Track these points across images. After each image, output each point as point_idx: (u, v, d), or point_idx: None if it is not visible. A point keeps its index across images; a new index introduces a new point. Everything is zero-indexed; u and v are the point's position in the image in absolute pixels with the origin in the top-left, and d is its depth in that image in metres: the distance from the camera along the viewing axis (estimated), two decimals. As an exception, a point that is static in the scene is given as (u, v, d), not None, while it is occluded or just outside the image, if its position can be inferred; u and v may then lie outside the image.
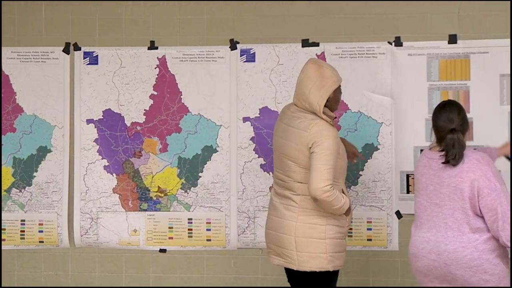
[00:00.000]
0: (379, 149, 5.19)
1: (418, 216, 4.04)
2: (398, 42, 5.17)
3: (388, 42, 5.18)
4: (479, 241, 3.91)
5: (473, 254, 3.89)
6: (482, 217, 3.92)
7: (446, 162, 3.96)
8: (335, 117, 4.24)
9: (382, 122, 5.18)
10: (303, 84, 4.17)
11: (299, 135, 4.11)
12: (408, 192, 5.16)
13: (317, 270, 4.15)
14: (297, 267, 4.17)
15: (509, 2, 5.03)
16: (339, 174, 4.17)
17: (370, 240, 5.22)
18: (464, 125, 4.02)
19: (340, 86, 4.24)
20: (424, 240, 3.96)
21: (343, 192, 4.18)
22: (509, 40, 5.06)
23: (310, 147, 4.07)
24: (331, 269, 4.18)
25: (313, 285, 4.21)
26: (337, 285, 4.47)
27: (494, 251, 3.93)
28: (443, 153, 3.97)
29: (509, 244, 3.90)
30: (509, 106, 5.07)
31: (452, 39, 5.12)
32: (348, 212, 4.21)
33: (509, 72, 5.06)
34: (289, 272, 4.30)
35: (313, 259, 4.14)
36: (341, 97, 4.34)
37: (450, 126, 3.97)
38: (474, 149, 4.15)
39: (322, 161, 4.04)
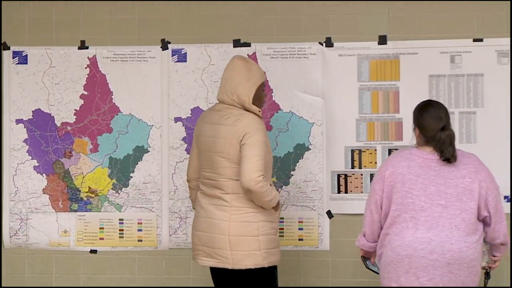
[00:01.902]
0: (310, 149, 5.21)
1: (411, 217, 3.95)
2: (329, 43, 5.19)
3: (319, 43, 5.20)
4: (478, 242, 3.97)
5: (473, 255, 3.93)
6: (479, 219, 3.98)
7: (446, 160, 3.96)
8: (260, 110, 4.28)
9: (314, 122, 5.20)
10: (231, 78, 4.22)
11: (229, 130, 4.14)
12: (339, 192, 5.19)
13: (253, 267, 4.18)
14: (232, 266, 4.18)
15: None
16: (266, 169, 4.19)
17: (301, 240, 5.24)
18: (450, 123, 4.06)
19: (263, 84, 4.28)
20: (424, 241, 3.90)
21: None
22: (438, 41, 5.12)
23: (241, 140, 4.11)
24: (266, 265, 4.21)
25: (249, 283, 4.23)
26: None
27: (482, 253, 4.04)
28: (436, 152, 3.99)
29: (509, 243, 4.06)
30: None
31: (382, 40, 5.16)
32: (277, 207, 4.25)
33: (437, 73, 5.12)
34: (219, 272, 4.30)
35: (248, 256, 4.17)
36: (264, 97, 4.37)
37: (440, 124, 3.99)
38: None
39: (253, 152, 4.09)
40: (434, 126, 3.98)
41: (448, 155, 3.95)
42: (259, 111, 4.25)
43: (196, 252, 4.31)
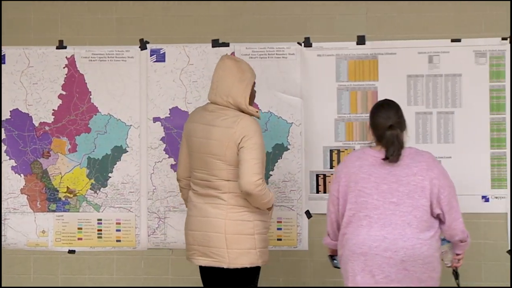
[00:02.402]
0: (289, 149, 5.22)
1: (365, 215, 3.97)
2: (307, 43, 5.20)
3: (298, 43, 5.21)
4: (433, 239, 3.98)
5: (428, 251, 3.94)
6: (433, 216, 3.99)
7: (386, 159, 3.98)
8: (257, 111, 4.29)
9: (292, 122, 5.21)
10: (223, 79, 4.19)
11: (225, 133, 4.12)
12: (317, 192, 5.20)
13: (249, 266, 4.19)
14: (228, 264, 4.17)
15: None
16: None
17: (280, 239, 5.24)
18: (401, 123, 4.07)
19: (255, 82, 4.30)
20: (378, 239, 3.92)
21: None
22: (416, 41, 5.13)
23: (239, 143, 4.10)
24: (260, 264, 4.25)
25: (242, 282, 4.23)
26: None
27: (439, 249, 4.05)
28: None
29: (468, 240, 4.08)
30: (416, 107, 5.14)
31: (360, 40, 5.17)
32: (271, 207, 4.27)
33: (415, 73, 5.13)
34: (212, 272, 4.27)
35: (244, 255, 4.17)
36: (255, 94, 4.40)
37: (388, 122, 4.01)
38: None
39: (252, 155, 4.07)
40: (382, 125, 4.01)
41: (388, 154, 3.97)
42: (257, 112, 4.25)
43: (191, 252, 4.28)
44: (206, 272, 4.33)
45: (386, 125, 3.99)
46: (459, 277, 4.29)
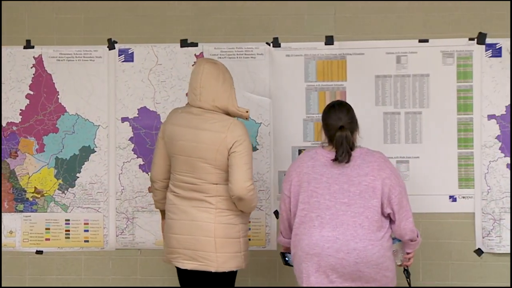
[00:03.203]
0: (258, 149, 5.22)
1: (317, 215, 4.00)
2: (276, 43, 5.20)
3: (266, 43, 5.21)
4: (384, 239, 4.01)
5: (380, 252, 3.97)
6: (384, 215, 4.03)
7: (335, 159, 4.00)
8: (247, 110, 4.31)
9: (261, 123, 5.21)
10: (207, 85, 4.20)
11: (216, 137, 4.12)
12: (286, 192, 5.20)
13: (235, 269, 4.22)
14: (216, 268, 4.17)
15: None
16: None
17: (249, 239, 5.20)
18: (352, 124, 4.09)
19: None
20: (330, 240, 3.95)
21: None
22: (384, 41, 5.15)
23: (231, 148, 4.11)
24: (244, 267, 4.28)
25: (225, 285, 4.25)
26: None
27: (390, 248, 4.07)
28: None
29: (418, 239, 4.13)
30: (384, 107, 5.15)
31: (329, 41, 5.17)
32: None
33: (383, 73, 5.14)
34: (193, 275, 4.26)
35: (232, 259, 4.19)
36: None
37: (338, 123, 4.03)
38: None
39: (243, 160, 4.11)
40: (333, 126, 4.04)
41: (337, 155, 3.99)
42: (247, 112, 4.27)
43: (174, 255, 4.23)
44: (187, 275, 4.30)
45: (337, 126, 4.02)
46: (410, 275, 4.32)
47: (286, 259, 4.31)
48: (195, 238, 4.17)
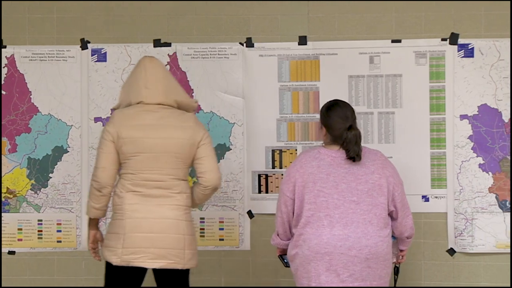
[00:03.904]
0: (231, 149, 5.22)
1: (326, 215, 3.98)
2: (249, 43, 5.20)
3: (240, 43, 5.21)
4: (389, 236, 4.06)
5: (387, 248, 4.02)
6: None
7: (351, 158, 4.01)
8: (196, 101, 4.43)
9: (234, 123, 5.21)
10: (161, 80, 4.21)
11: (189, 131, 4.16)
12: (259, 192, 5.20)
13: (195, 266, 4.25)
14: (183, 265, 4.17)
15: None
16: None
17: (222, 240, 5.24)
18: (356, 122, 4.11)
19: None
20: (342, 238, 3.95)
21: None
22: (357, 42, 5.16)
23: (200, 141, 4.16)
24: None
25: (184, 282, 4.25)
26: (191, 285, 4.51)
27: (391, 245, 4.12)
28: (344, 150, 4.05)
29: (413, 236, 4.19)
30: (357, 107, 5.14)
31: (302, 41, 5.18)
32: None
33: (357, 73, 5.15)
34: (141, 275, 4.23)
35: (194, 256, 4.22)
36: None
37: (347, 123, 4.04)
38: None
39: (212, 150, 4.21)
40: (341, 126, 4.03)
41: (353, 154, 4.00)
42: (196, 102, 4.36)
43: (138, 255, 4.14)
44: (138, 276, 4.24)
45: (345, 126, 4.01)
46: (399, 274, 4.36)
47: (285, 261, 4.29)
48: (168, 236, 4.15)
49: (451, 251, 5.11)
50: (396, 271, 4.38)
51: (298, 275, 4.08)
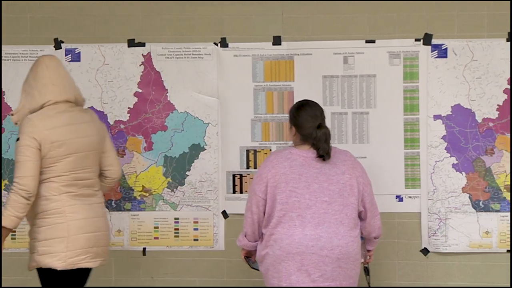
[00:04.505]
0: (205, 149, 5.21)
1: (298, 215, 4.01)
2: (224, 43, 5.20)
3: (214, 43, 5.20)
4: (358, 236, 4.11)
5: (358, 248, 4.07)
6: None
7: (320, 156, 4.02)
8: None
9: (209, 123, 5.20)
10: (65, 77, 4.33)
11: (97, 127, 4.35)
12: (234, 192, 5.20)
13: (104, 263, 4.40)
14: (103, 262, 4.33)
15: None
16: None
17: (196, 240, 5.23)
18: (325, 121, 4.14)
19: None
20: (314, 238, 3.97)
21: None
22: (331, 42, 5.16)
23: (105, 135, 4.40)
24: None
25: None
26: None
27: (360, 247, 4.16)
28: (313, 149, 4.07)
29: (380, 236, 4.25)
30: (331, 107, 5.16)
31: (276, 41, 5.18)
32: None
33: (331, 74, 5.16)
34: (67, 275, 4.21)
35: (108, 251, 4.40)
36: None
37: (316, 122, 4.06)
38: None
39: (112, 143, 4.52)
40: (310, 124, 4.06)
41: (322, 152, 4.02)
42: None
43: (83, 256, 4.16)
44: (64, 276, 4.20)
45: (315, 124, 4.04)
46: (369, 274, 4.37)
47: (251, 262, 4.30)
48: (104, 234, 4.28)
49: (425, 251, 5.13)
50: (367, 271, 4.39)
51: (269, 276, 4.09)
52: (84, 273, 4.29)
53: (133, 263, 5.22)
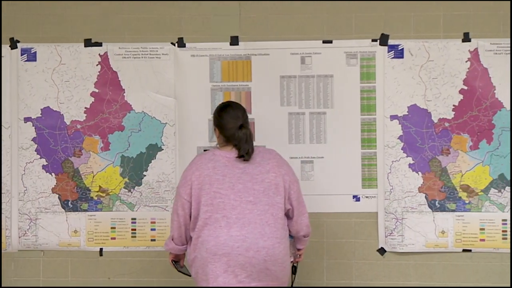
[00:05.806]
0: (163, 149, 5.20)
1: (223, 216, 4.00)
2: (181, 43, 5.19)
3: (171, 43, 5.19)
4: (286, 237, 4.08)
5: (285, 250, 4.03)
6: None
7: (240, 156, 4.03)
8: None
9: (166, 123, 5.19)
10: None
11: None
12: (191, 192, 5.19)
13: None
14: None
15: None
16: None
17: (154, 240, 5.22)
18: (248, 122, 4.17)
19: None
20: (239, 239, 3.96)
21: None
22: (288, 42, 5.16)
23: None
24: None
25: None
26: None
27: (289, 247, 4.14)
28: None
29: (310, 234, 4.22)
30: (289, 107, 5.17)
31: (234, 41, 5.17)
32: None
33: (288, 74, 5.16)
34: None
35: None
36: None
37: (238, 122, 4.08)
38: None
39: None
40: (232, 125, 4.09)
41: (243, 152, 4.05)
42: None
43: None
44: None
45: (237, 125, 4.05)
46: (296, 273, 4.40)
47: (178, 266, 4.30)
48: None
49: (382, 251, 5.15)
50: (294, 270, 4.40)
51: (198, 278, 4.10)
52: None
53: (90, 263, 5.20)
